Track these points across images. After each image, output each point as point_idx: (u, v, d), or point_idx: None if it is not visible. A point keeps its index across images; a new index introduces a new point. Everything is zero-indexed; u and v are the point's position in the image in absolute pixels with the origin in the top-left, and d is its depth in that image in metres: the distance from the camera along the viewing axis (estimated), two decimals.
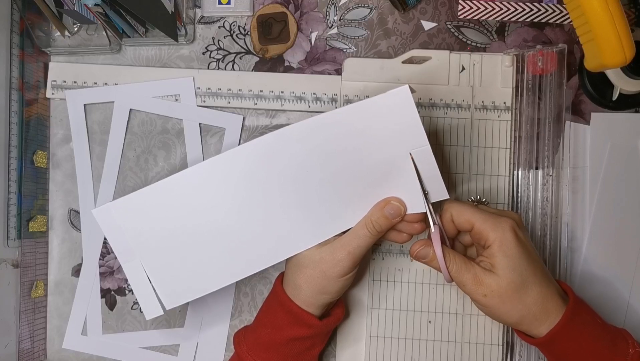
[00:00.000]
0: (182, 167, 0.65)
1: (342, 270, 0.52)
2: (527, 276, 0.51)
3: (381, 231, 0.52)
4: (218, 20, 0.66)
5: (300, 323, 0.53)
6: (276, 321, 0.54)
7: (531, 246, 0.52)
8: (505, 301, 0.51)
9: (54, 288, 0.66)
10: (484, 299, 0.51)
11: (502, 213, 0.53)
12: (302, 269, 0.52)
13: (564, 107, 0.61)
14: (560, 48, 0.61)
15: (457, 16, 0.65)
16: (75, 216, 0.66)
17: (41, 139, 0.66)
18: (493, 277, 0.51)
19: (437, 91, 0.63)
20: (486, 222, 0.51)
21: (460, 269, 0.51)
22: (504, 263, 0.50)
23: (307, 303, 0.53)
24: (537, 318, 0.51)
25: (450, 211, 0.53)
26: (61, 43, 0.66)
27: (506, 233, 0.51)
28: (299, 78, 0.64)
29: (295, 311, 0.53)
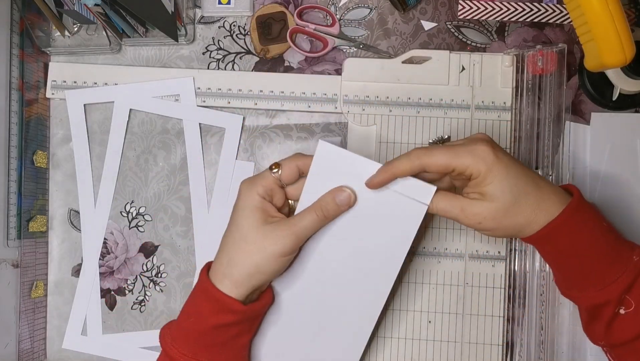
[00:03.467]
0: (182, 167, 0.65)
1: (283, 248, 0.51)
2: (518, 191, 0.49)
3: (328, 217, 0.52)
4: (218, 20, 0.66)
5: (224, 309, 0.51)
6: (199, 310, 0.52)
7: (512, 157, 0.51)
8: (501, 221, 0.50)
9: (54, 288, 0.66)
10: (480, 225, 0.51)
11: (471, 140, 0.51)
12: (242, 244, 0.51)
13: (564, 107, 0.61)
14: (560, 48, 0.61)
15: (457, 16, 0.65)
16: (75, 216, 0.66)
17: (41, 139, 0.66)
18: (484, 205, 0.50)
19: (437, 91, 0.63)
20: (461, 158, 0.49)
21: (445, 207, 0.51)
22: (491, 190, 0.49)
23: (237, 283, 0.51)
24: (537, 221, 0.50)
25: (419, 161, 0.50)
26: (61, 43, 0.66)
27: (486, 160, 0.49)
28: (299, 78, 0.64)
29: (218, 297, 0.51)
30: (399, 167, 0.50)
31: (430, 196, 0.51)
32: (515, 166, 0.50)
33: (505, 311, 0.62)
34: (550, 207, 0.50)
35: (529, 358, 0.61)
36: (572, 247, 0.50)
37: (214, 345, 0.52)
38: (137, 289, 0.65)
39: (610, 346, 0.52)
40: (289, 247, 0.51)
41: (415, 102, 0.63)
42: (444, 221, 0.62)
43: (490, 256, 0.62)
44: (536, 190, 0.50)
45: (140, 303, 0.65)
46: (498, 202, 0.49)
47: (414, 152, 0.50)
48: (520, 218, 0.50)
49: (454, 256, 0.62)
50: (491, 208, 0.50)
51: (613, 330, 0.51)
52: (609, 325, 0.51)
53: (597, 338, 0.53)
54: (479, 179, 0.50)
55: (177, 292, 0.65)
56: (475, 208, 0.50)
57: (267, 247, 0.50)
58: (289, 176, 0.53)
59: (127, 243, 0.66)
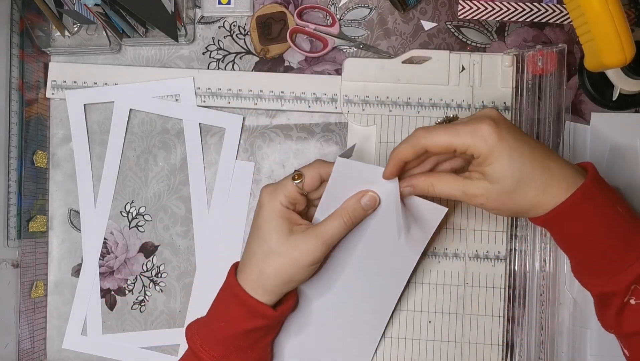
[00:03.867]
0: (182, 167, 0.65)
1: (314, 259, 0.52)
2: (522, 176, 0.47)
3: (355, 222, 0.53)
4: (218, 21, 0.66)
5: (256, 314, 0.52)
6: (230, 314, 0.53)
7: (520, 137, 0.48)
8: (504, 202, 0.49)
9: (54, 288, 0.66)
10: (484, 206, 0.50)
11: (476, 118, 0.49)
12: (273, 257, 0.52)
13: (564, 107, 0.61)
14: (560, 48, 0.61)
15: (457, 16, 0.65)
16: (75, 216, 0.66)
17: (41, 139, 0.66)
18: (485, 186, 0.48)
19: (437, 91, 0.63)
20: (462, 138, 0.48)
21: (447, 190, 0.50)
22: (491, 171, 0.48)
23: (268, 292, 0.52)
24: (543, 205, 0.48)
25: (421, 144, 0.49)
26: (61, 43, 0.66)
27: (487, 141, 0.47)
28: (299, 78, 0.64)
29: (250, 303, 0.52)
30: (403, 153, 0.50)
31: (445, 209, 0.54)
32: (522, 148, 0.48)
33: (505, 311, 0.62)
34: (558, 191, 0.48)
35: (529, 358, 0.61)
36: (581, 233, 0.49)
37: (243, 348, 0.54)
38: (137, 289, 0.65)
39: (621, 335, 0.51)
40: (319, 256, 0.52)
41: (415, 102, 0.63)
42: (444, 221, 0.62)
43: (490, 256, 0.62)
44: (543, 174, 0.48)
45: (140, 303, 0.65)
46: (499, 184, 0.48)
47: (414, 134, 0.49)
48: (524, 201, 0.48)
49: (454, 256, 0.62)
50: (492, 189, 0.48)
51: (623, 319, 0.49)
52: (618, 314, 0.49)
53: (608, 326, 0.51)
54: (480, 159, 0.48)
55: (177, 292, 0.65)
56: (477, 189, 0.49)
57: (298, 259, 0.51)
58: (311, 185, 0.53)
59: (127, 243, 0.66)
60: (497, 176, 0.48)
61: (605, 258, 0.49)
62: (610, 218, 0.49)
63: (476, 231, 0.62)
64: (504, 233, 0.62)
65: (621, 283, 0.48)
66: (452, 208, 0.62)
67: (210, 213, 0.65)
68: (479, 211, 0.62)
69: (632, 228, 0.49)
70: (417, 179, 0.51)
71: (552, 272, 0.60)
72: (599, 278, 0.50)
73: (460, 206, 0.62)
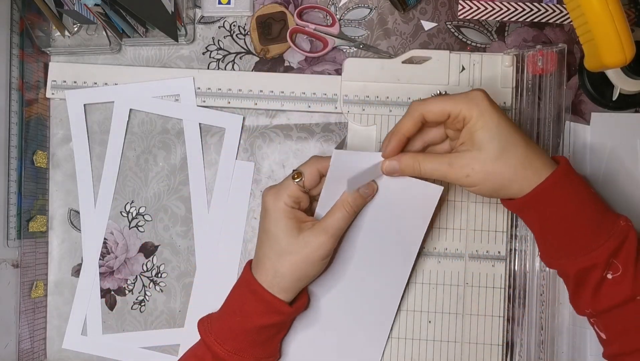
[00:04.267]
0: (182, 167, 0.65)
1: (325, 252, 0.53)
2: (507, 142, 0.50)
3: (357, 210, 0.55)
4: (218, 21, 0.66)
5: (273, 310, 0.54)
6: (246, 309, 0.55)
7: (504, 115, 0.51)
8: (489, 172, 0.50)
9: (54, 288, 0.66)
10: (468, 179, 0.51)
11: (467, 91, 0.52)
12: (286, 256, 0.53)
13: (564, 107, 0.61)
14: (560, 48, 0.61)
15: (457, 16, 0.65)
16: (75, 216, 0.66)
17: (41, 139, 0.66)
18: (472, 154, 0.50)
19: (437, 91, 0.63)
20: (458, 103, 0.50)
21: (433, 165, 0.51)
22: (482, 135, 0.50)
23: (284, 289, 0.54)
24: (526, 178, 0.50)
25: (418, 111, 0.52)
26: (61, 43, 0.66)
27: (479, 105, 0.50)
28: (299, 78, 0.64)
29: (268, 299, 0.54)
30: (404, 125, 0.52)
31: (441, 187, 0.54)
32: (507, 120, 0.51)
33: (505, 311, 0.62)
34: (540, 168, 0.50)
35: (529, 358, 0.61)
36: (561, 210, 0.51)
37: (256, 343, 0.55)
38: (137, 289, 0.65)
39: (597, 313, 0.52)
40: (330, 249, 0.54)
41: None
42: (444, 221, 0.62)
43: (490, 256, 0.62)
44: (525, 147, 0.50)
45: (140, 303, 0.65)
46: (486, 150, 0.50)
47: (411, 106, 0.52)
48: (508, 171, 0.50)
49: (454, 256, 0.62)
50: (479, 157, 0.50)
51: (600, 295, 0.51)
52: (596, 289, 0.51)
53: (584, 306, 0.52)
54: (471, 122, 0.50)
55: (177, 292, 0.65)
56: (464, 159, 0.50)
57: (310, 255, 0.53)
58: (311, 182, 0.54)
59: (127, 243, 0.66)
60: (486, 139, 0.50)
61: (583, 234, 0.51)
62: (587, 196, 0.51)
63: (476, 231, 0.62)
64: (504, 233, 0.62)
65: (601, 255, 0.50)
66: (452, 208, 0.62)
67: (210, 213, 0.65)
68: (479, 211, 0.62)
69: (604, 207, 0.52)
70: (403, 156, 0.53)
71: (552, 272, 0.60)
72: (576, 256, 0.51)
73: (461, 206, 0.62)
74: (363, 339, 0.61)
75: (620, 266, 0.50)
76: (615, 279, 0.50)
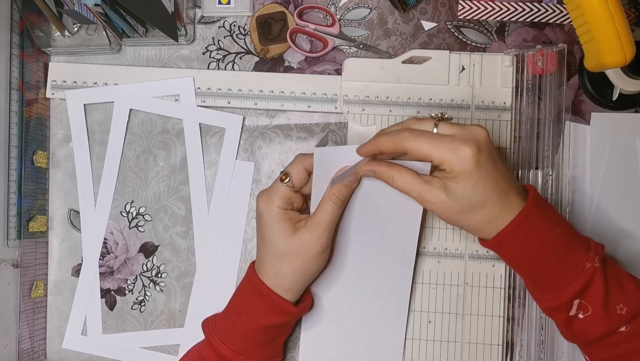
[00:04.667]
0: (182, 167, 0.65)
1: (321, 247, 0.54)
2: (479, 201, 0.50)
3: (344, 200, 0.55)
4: (218, 20, 0.66)
5: (279, 310, 0.55)
6: (252, 309, 0.55)
7: (494, 165, 0.50)
8: (453, 217, 0.51)
9: (54, 288, 0.66)
10: (433, 211, 0.52)
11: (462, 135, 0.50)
12: (285, 257, 0.54)
13: (564, 107, 0.61)
14: (560, 48, 0.61)
15: (457, 16, 0.65)
16: (75, 216, 0.66)
17: (41, 139, 0.66)
18: (441, 197, 0.50)
19: (437, 91, 0.63)
20: (440, 152, 0.49)
21: (406, 186, 0.51)
22: (455, 190, 0.49)
23: (288, 290, 0.55)
24: (484, 232, 0.52)
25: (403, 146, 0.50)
26: (61, 43, 0.66)
27: (463, 164, 0.48)
28: (299, 78, 0.64)
29: (274, 299, 0.54)
30: (384, 144, 0.51)
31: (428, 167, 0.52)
32: (490, 176, 0.49)
33: (505, 311, 0.62)
34: (502, 221, 0.51)
35: (529, 358, 0.61)
36: (523, 254, 0.52)
37: (261, 343, 0.56)
38: (137, 289, 0.65)
39: (578, 344, 0.54)
40: (325, 243, 0.54)
41: (415, 102, 0.63)
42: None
43: (490, 256, 0.62)
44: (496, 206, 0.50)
45: (140, 303, 0.65)
46: (455, 202, 0.50)
47: (402, 133, 0.50)
48: (470, 224, 0.51)
49: (454, 256, 0.62)
50: (447, 203, 0.50)
51: (575, 332, 0.52)
52: (568, 327, 0.52)
53: (564, 337, 0.55)
54: (450, 175, 0.50)
55: (177, 292, 0.65)
56: (433, 197, 0.50)
57: (307, 252, 0.54)
58: (300, 181, 0.55)
59: (127, 243, 0.66)
60: (457, 195, 0.50)
61: (548, 275, 0.51)
62: (549, 238, 0.51)
63: None
64: None
65: (563, 297, 0.51)
66: None
67: (210, 213, 0.65)
68: None
69: (571, 247, 0.51)
70: (380, 167, 0.52)
71: None
72: (544, 294, 0.52)
73: None
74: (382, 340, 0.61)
75: (589, 306, 0.50)
76: (587, 319, 0.50)
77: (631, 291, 0.51)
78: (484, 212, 0.50)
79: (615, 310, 0.50)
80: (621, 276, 0.51)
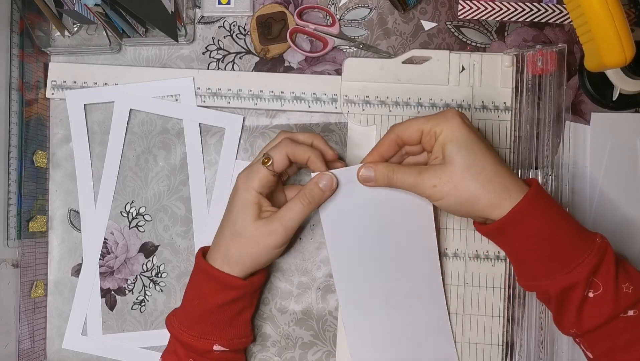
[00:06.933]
0: (182, 167, 0.65)
1: (275, 242, 0.54)
2: (476, 155, 0.51)
3: (313, 203, 0.55)
4: (218, 20, 0.66)
5: (226, 287, 0.55)
6: (203, 292, 0.56)
7: (476, 135, 0.52)
8: (455, 183, 0.51)
9: (54, 288, 0.66)
10: (435, 190, 0.51)
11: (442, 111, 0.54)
12: (237, 237, 0.55)
13: (564, 107, 0.61)
14: (560, 48, 0.61)
15: (457, 16, 0.65)
16: (75, 216, 0.66)
17: (41, 139, 0.66)
18: (441, 166, 0.51)
19: (437, 91, 0.63)
20: (431, 120, 0.53)
21: (403, 176, 0.53)
22: (452, 148, 0.51)
23: (233, 266, 0.55)
24: (496, 195, 0.51)
25: (395, 132, 0.55)
26: (61, 43, 0.66)
27: (450, 120, 0.52)
28: (299, 78, 0.64)
29: (219, 277, 0.55)
30: (381, 145, 0.55)
31: None
32: (477, 137, 0.52)
33: (505, 311, 0.62)
34: (512, 189, 0.51)
35: (529, 358, 0.61)
36: (539, 231, 0.51)
37: (221, 322, 0.56)
38: (137, 289, 0.65)
39: (582, 333, 0.52)
40: (280, 239, 0.54)
41: (415, 102, 0.63)
42: (444, 221, 0.62)
43: (490, 256, 0.62)
44: (495, 164, 0.51)
45: (140, 303, 0.65)
46: (454, 161, 0.51)
47: (390, 128, 0.55)
48: (475, 184, 0.51)
49: (454, 256, 0.62)
50: (447, 168, 0.51)
51: (583, 314, 0.51)
52: (579, 309, 0.50)
53: (568, 326, 0.52)
54: (441, 136, 0.52)
55: (177, 292, 0.65)
56: (432, 169, 0.52)
57: (260, 241, 0.54)
58: (281, 166, 0.55)
59: (127, 243, 0.66)
60: (454, 152, 0.51)
61: (562, 253, 0.50)
62: (561, 216, 0.52)
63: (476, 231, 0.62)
64: None
65: (581, 273, 0.49)
66: None
67: (210, 213, 0.65)
68: None
69: (579, 226, 0.52)
70: (379, 165, 0.55)
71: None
72: (558, 275, 0.50)
73: None
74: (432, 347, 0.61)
75: (600, 284, 0.50)
76: (596, 298, 0.50)
77: (633, 272, 0.51)
78: (488, 167, 0.51)
79: (622, 288, 0.49)
80: (619, 258, 0.51)
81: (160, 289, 0.65)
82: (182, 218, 0.65)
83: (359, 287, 0.60)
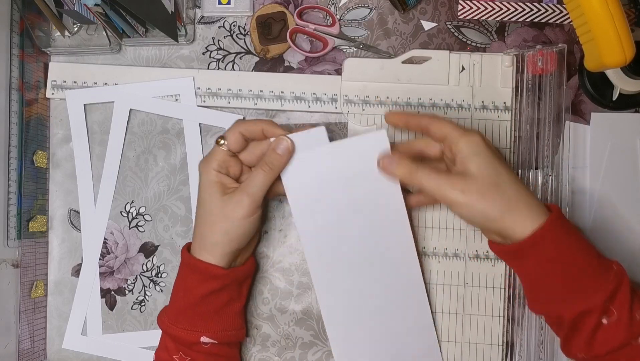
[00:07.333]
0: (182, 167, 0.65)
1: (242, 210, 0.54)
2: (502, 174, 0.51)
3: (274, 169, 0.55)
4: (218, 20, 0.66)
5: (208, 276, 0.55)
6: (186, 284, 0.56)
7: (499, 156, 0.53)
8: (484, 194, 0.50)
9: (54, 288, 0.66)
10: (462, 195, 0.50)
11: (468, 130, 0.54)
12: (208, 217, 0.55)
13: (564, 107, 0.61)
14: (560, 48, 0.61)
15: (457, 16, 0.65)
16: (75, 216, 0.66)
17: (41, 139, 0.66)
18: (468, 176, 0.51)
19: (437, 91, 0.63)
20: (456, 130, 0.53)
21: (431, 173, 0.52)
22: (477, 162, 0.51)
23: (213, 252, 0.55)
24: (521, 216, 0.50)
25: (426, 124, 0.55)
26: (61, 43, 0.66)
27: (478, 137, 0.52)
28: (299, 78, 0.64)
29: (200, 267, 0.55)
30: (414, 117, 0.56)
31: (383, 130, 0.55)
32: (501, 159, 0.52)
33: (505, 311, 0.62)
34: (534, 212, 0.50)
35: (529, 358, 0.61)
36: (560, 255, 0.50)
37: (208, 314, 0.56)
38: (137, 289, 0.65)
39: (591, 358, 0.51)
40: (247, 208, 0.54)
41: (415, 102, 0.63)
42: (444, 221, 0.62)
43: (490, 256, 0.62)
44: (518, 185, 0.51)
45: (140, 303, 0.65)
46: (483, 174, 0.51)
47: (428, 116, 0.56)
48: (501, 201, 0.50)
49: (454, 256, 0.62)
50: (477, 179, 0.51)
51: (596, 340, 0.50)
52: (592, 335, 0.50)
53: (576, 350, 0.52)
54: (465, 150, 0.52)
55: None
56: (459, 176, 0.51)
57: (228, 213, 0.54)
58: (236, 144, 0.56)
59: (127, 243, 0.66)
60: (482, 168, 0.51)
61: (580, 279, 0.50)
62: (582, 241, 0.51)
63: (476, 231, 0.62)
64: None
65: (599, 299, 0.49)
66: None
67: None
68: None
69: (597, 252, 0.52)
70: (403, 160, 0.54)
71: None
72: (575, 300, 0.50)
73: None
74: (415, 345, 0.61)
75: (615, 311, 0.49)
76: (610, 325, 0.49)
77: None
78: (513, 186, 0.51)
79: (635, 316, 0.49)
80: (634, 285, 0.51)
81: (160, 289, 0.65)
82: (182, 218, 0.65)
83: (332, 271, 0.59)
